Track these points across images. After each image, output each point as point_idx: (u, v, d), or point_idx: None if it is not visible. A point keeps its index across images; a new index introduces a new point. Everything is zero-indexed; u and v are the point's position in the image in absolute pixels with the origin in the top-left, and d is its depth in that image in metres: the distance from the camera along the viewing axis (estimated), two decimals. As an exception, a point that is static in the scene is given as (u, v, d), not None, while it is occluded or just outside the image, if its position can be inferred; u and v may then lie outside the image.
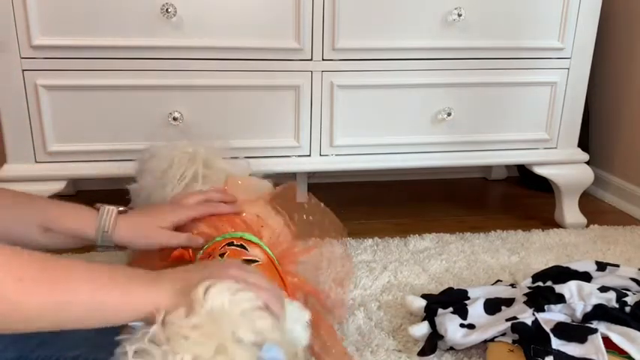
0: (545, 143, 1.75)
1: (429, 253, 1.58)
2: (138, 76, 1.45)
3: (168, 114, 1.49)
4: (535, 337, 1.08)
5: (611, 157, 2.09)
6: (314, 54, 1.52)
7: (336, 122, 1.59)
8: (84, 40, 1.40)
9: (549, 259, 1.56)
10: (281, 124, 1.57)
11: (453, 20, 1.55)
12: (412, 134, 1.64)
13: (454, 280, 1.45)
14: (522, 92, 1.68)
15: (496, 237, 1.70)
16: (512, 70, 1.65)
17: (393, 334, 1.21)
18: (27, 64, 1.40)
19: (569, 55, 1.67)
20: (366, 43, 1.54)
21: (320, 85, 1.54)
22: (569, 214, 1.82)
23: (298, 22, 1.48)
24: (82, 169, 1.50)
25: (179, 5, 1.41)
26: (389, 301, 1.34)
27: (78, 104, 1.45)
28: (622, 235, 1.74)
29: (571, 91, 1.71)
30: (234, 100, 1.52)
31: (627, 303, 1.16)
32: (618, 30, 2.02)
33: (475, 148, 1.70)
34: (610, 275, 1.32)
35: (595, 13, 1.66)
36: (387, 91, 1.59)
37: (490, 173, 2.31)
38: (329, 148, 1.61)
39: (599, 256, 1.55)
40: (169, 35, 1.43)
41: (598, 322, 1.13)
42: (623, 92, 2.03)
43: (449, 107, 1.63)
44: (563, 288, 1.19)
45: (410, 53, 1.57)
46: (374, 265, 1.50)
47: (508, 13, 1.59)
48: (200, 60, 1.47)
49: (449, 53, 1.60)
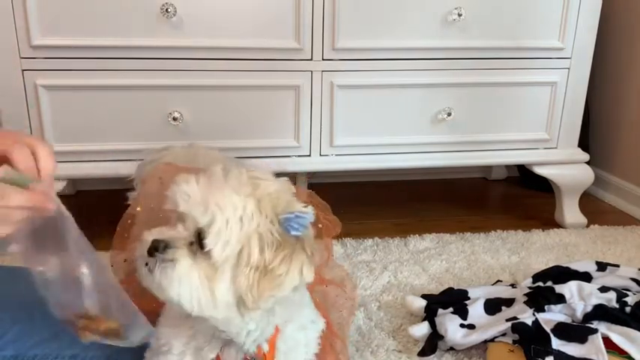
0: (545, 143, 1.74)
1: (429, 253, 1.58)
2: (138, 76, 1.45)
3: (168, 114, 1.48)
4: (535, 337, 1.08)
5: (612, 157, 2.09)
6: (314, 54, 1.52)
7: (336, 122, 1.59)
8: (83, 40, 1.40)
9: (549, 259, 1.56)
10: (281, 124, 1.57)
11: (453, 20, 1.55)
12: (412, 134, 1.64)
13: (454, 280, 1.44)
14: (522, 92, 1.68)
15: (496, 237, 1.70)
16: (512, 70, 1.65)
17: (393, 335, 1.21)
18: (27, 64, 1.40)
19: (569, 55, 1.67)
20: (366, 42, 1.54)
21: (320, 85, 1.54)
22: (569, 214, 1.82)
23: (298, 22, 1.48)
24: (82, 169, 1.50)
25: (179, 5, 1.41)
26: (389, 301, 1.34)
27: (77, 104, 1.45)
28: (622, 235, 1.74)
29: (571, 91, 1.70)
30: (234, 100, 1.52)
31: (627, 303, 1.15)
32: (618, 30, 2.02)
33: (475, 148, 1.70)
34: (610, 275, 1.32)
35: (595, 14, 1.66)
36: (387, 91, 1.59)
37: (490, 173, 2.30)
38: (329, 148, 1.61)
39: (599, 256, 1.55)
40: (169, 35, 1.43)
41: (598, 323, 1.13)
42: (624, 92, 2.03)
43: (449, 107, 1.63)
44: (564, 288, 1.19)
45: (410, 53, 1.57)
46: (374, 265, 1.50)
47: (508, 13, 1.59)
48: (200, 60, 1.47)
49: (449, 53, 1.59)
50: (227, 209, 0.67)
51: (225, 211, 0.67)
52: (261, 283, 0.67)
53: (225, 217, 0.66)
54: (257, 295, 0.67)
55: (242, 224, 0.67)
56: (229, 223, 0.66)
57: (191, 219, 0.68)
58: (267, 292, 0.67)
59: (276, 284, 0.67)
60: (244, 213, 0.67)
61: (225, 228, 0.66)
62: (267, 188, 0.71)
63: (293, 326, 0.79)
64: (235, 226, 0.67)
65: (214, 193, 0.68)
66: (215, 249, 0.66)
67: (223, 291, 0.67)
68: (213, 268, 0.67)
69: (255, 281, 0.66)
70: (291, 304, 0.76)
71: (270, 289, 0.67)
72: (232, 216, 0.67)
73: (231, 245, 0.66)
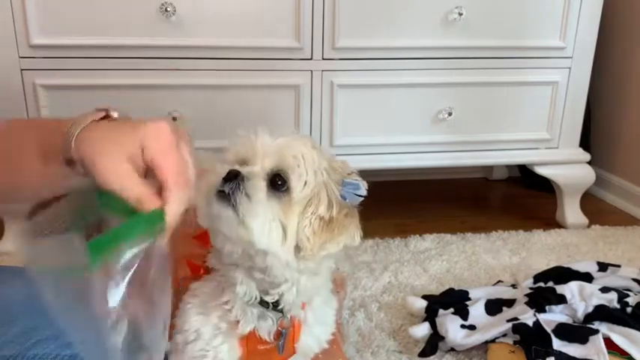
0: (546, 143, 1.74)
1: (430, 253, 1.57)
2: (137, 76, 1.45)
3: (167, 113, 1.48)
4: (536, 337, 1.07)
5: (613, 157, 2.09)
6: (314, 53, 1.51)
7: (336, 122, 1.58)
8: (82, 40, 1.40)
9: (551, 259, 1.56)
10: (281, 124, 1.56)
11: (453, 19, 1.54)
12: (413, 134, 1.64)
13: (455, 281, 1.44)
14: (523, 92, 1.67)
15: (497, 237, 1.69)
16: (513, 69, 1.64)
17: (393, 335, 1.21)
18: (25, 64, 1.40)
19: (570, 54, 1.66)
20: (366, 42, 1.53)
21: (320, 84, 1.54)
22: (570, 215, 1.81)
23: (298, 22, 1.47)
24: (81, 169, 1.50)
25: (178, 4, 1.40)
26: (389, 301, 1.34)
27: (76, 104, 1.45)
28: (623, 236, 1.73)
29: (572, 90, 1.70)
30: (234, 100, 1.52)
31: (629, 303, 1.15)
32: (620, 29, 2.01)
33: (476, 147, 1.70)
34: (611, 276, 1.31)
35: (596, 13, 1.65)
36: (388, 90, 1.59)
37: (491, 173, 2.30)
38: (329, 148, 1.60)
39: (600, 257, 1.54)
40: (168, 34, 1.43)
41: (599, 323, 1.13)
42: (625, 92, 2.02)
43: (450, 107, 1.62)
44: (565, 288, 1.18)
45: (410, 52, 1.57)
46: (374, 265, 1.50)
47: (509, 13, 1.59)
48: (200, 59, 1.47)
49: (449, 52, 1.59)
50: (307, 158, 0.73)
51: (307, 158, 0.73)
52: (322, 234, 0.72)
53: (307, 164, 0.72)
54: (316, 244, 0.71)
55: (316, 174, 0.73)
56: (309, 170, 0.72)
57: (268, 161, 0.72)
58: (325, 244, 0.72)
59: (334, 237, 0.73)
60: (319, 167, 0.73)
61: (306, 173, 0.72)
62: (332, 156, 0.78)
63: (319, 300, 0.82)
64: (312, 173, 0.72)
65: (293, 144, 0.74)
66: (297, 187, 0.71)
67: (292, 228, 0.71)
68: (288, 205, 0.71)
69: (318, 230, 0.71)
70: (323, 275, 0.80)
71: (329, 241, 0.72)
72: (311, 165, 0.73)
73: (309, 187, 0.72)
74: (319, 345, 0.85)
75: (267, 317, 0.77)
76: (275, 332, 0.78)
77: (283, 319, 0.78)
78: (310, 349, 0.84)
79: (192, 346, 0.78)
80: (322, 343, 0.85)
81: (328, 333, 0.86)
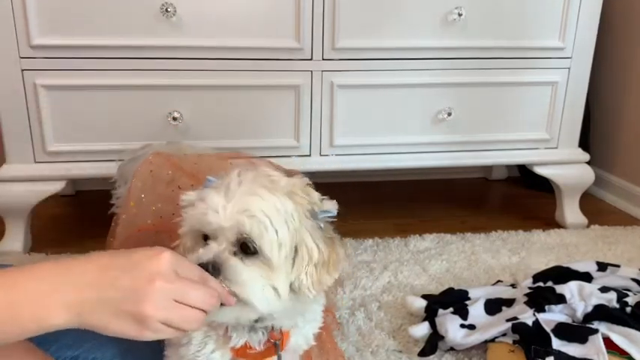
0: (545, 143, 1.74)
1: (430, 253, 1.58)
2: (137, 76, 1.45)
3: (167, 114, 1.48)
4: (536, 337, 1.07)
5: (612, 157, 2.09)
6: (314, 53, 1.51)
7: (336, 122, 1.58)
8: (83, 40, 1.40)
9: (550, 259, 1.56)
10: (281, 124, 1.56)
11: (453, 20, 1.55)
12: (412, 134, 1.64)
13: (455, 281, 1.44)
14: (523, 92, 1.68)
15: (497, 237, 1.69)
16: (512, 69, 1.64)
17: (393, 335, 1.21)
18: (26, 64, 1.40)
19: (569, 54, 1.67)
20: (366, 42, 1.53)
21: (320, 84, 1.54)
22: (570, 214, 1.82)
23: (298, 22, 1.48)
24: (82, 169, 1.50)
25: (178, 4, 1.41)
26: (389, 301, 1.34)
27: (77, 104, 1.45)
28: (623, 236, 1.73)
29: (572, 90, 1.70)
30: (234, 100, 1.52)
31: (628, 303, 1.15)
32: (619, 30, 2.02)
33: (476, 147, 1.70)
34: (611, 275, 1.31)
35: (595, 13, 1.66)
36: (387, 90, 1.59)
37: (491, 173, 2.30)
38: (329, 148, 1.61)
39: (599, 257, 1.54)
40: (169, 35, 1.43)
41: (599, 323, 1.13)
42: (624, 92, 2.03)
43: (449, 107, 1.63)
44: (564, 288, 1.19)
45: (410, 53, 1.57)
46: (374, 265, 1.50)
47: (509, 13, 1.59)
48: (200, 60, 1.47)
49: (449, 53, 1.59)
50: (272, 213, 0.68)
51: (271, 215, 0.68)
52: (319, 276, 0.72)
53: (274, 221, 0.68)
54: (319, 287, 0.72)
55: (287, 225, 0.69)
56: (278, 226, 0.68)
57: (230, 232, 0.68)
58: (328, 281, 0.73)
59: (331, 273, 0.73)
60: (286, 213, 0.70)
61: (276, 233, 0.68)
62: (290, 184, 0.74)
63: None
64: (282, 227, 0.69)
65: (250, 201, 0.68)
66: (273, 254, 0.68)
67: (283, 285, 0.70)
68: (269, 265, 0.69)
69: (316, 275, 0.71)
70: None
71: (331, 278, 0.73)
72: (278, 220, 0.69)
73: (286, 246, 0.69)
74: (307, 342, 0.85)
75: (257, 330, 0.77)
76: (265, 341, 0.78)
77: (273, 331, 0.78)
78: (300, 347, 0.84)
79: (184, 350, 0.78)
80: (310, 341, 0.85)
81: (316, 328, 0.86)
